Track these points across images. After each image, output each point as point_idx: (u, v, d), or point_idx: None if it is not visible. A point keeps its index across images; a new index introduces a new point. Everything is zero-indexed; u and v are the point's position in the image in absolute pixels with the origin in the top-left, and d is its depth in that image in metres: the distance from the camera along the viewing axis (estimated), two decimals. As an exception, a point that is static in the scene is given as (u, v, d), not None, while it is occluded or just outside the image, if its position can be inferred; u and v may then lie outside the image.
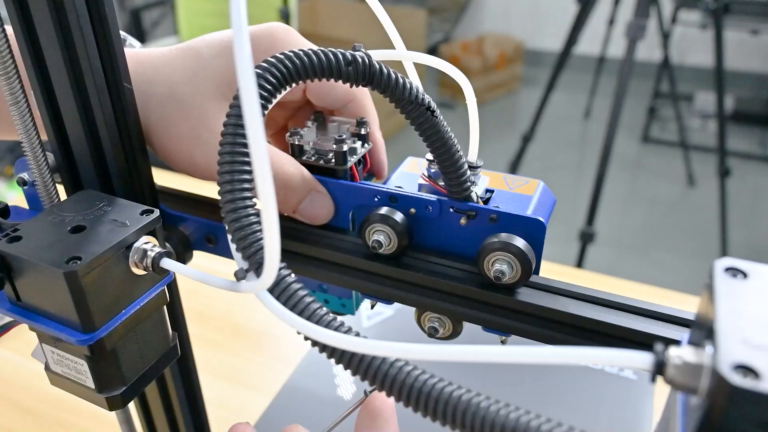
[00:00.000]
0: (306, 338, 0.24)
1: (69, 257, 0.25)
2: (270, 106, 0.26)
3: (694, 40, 3.20)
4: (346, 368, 0.23)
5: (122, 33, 0.36)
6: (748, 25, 2.57)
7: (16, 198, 2.01)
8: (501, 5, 3.66)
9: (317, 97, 0.36)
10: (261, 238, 0.24)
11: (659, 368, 0.18)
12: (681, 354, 0.18)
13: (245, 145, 0.24)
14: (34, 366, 0.63)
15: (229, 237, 0.25)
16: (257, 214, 0.24)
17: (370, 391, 0.32)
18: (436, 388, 0.21)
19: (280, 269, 0.24)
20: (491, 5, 3.68)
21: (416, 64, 0.32)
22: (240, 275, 0.25)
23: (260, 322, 0.69)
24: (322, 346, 0.24)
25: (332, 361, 0.24)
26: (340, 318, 0.24)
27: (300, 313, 0.24)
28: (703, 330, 0.18)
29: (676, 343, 0.26)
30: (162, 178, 0.37)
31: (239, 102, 0.24)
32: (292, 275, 0.25)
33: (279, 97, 0.27)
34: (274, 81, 0.26)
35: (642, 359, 0.18)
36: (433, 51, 3.44)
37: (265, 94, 0.26)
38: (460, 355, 0.21)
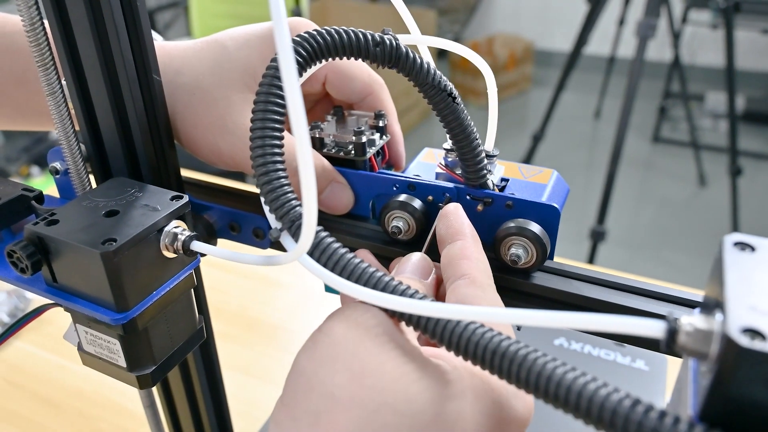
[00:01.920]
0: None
1: (105, 239, 0.27)
2: (302, 79, 0.27)
3: (705, 39, 3.19)
4: (412, 326, 0.24)
5: None
6: (759, 25, 2.56)
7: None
8: (511, 6, 3.66)
9: (336, 90, 0.37)
10: (293, 198, 0.25)
11: (671, 335, 0.19)
12: (692, 321, 0.19)
13: (277, 113, 0.25)
14: (53, 358, 0.64)
15: (263, 199, 0.26)
16: (287, 178, 0.25)
17: None
18: (502, 345, 0.22)
19: (318, 233, 0.25)
20: (501, 6, 3.68)
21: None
22: (275, 234, 0.25)
23: (274, 316, 0.70)
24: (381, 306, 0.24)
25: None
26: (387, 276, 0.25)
27: (346, 275, 0.24)
28: (712, 303, 0.19)
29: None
30: (185, 173, 0.39)
31: (271, 71, 0.26)
32: (329, 234, 0.25)
33: (310, 71, 0.27)
34: (305, 54, 0.27)
35: (655, 327, 0.19)
36: (443, 52, 3.45)
37: (298, 64, 0.27)
38: (485, 316, 0.22)
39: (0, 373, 0.63)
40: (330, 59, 0.28)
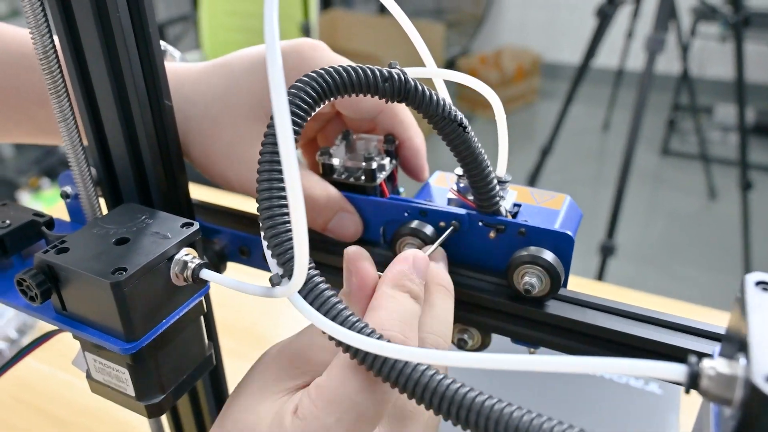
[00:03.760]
0: (330, 338, 0.24)
1: (115, 268, 0.26)
2: (306, 122, 0.27)
3: (714, 52, 3.18)
4: (368, 369, 0.24)
5: (163, 43, 0.37)
6: (769, 38, 2.55)
7: (41, 209, 2.05)
8: (518, 19, 3.67)
9: (348, 109, 0.37)
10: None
11: (693, 380, 0.18)
12: (715, 366, 0.18)
13: (280, 164, 0.25)
14: (64, 376, 0.64)
15: (265, 244, 0.26)
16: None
17: None
18: (459, 393, 0.22)
19: (311, 272, 0.25)
20: (508, 19, 3.69)
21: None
22: (275, 280, 0.26)
23: (284, 334, 0.70)
24: (345, 346, 0.24)
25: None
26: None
27: (326, 314, 0.25)
28: (735, 343, 0.19)
29: (706, 355, 0.27)
30: (196, 191, 0.38)
31: (274, 129, 0.26)
32: (322, 279, 0.26)
33: (318, 109, 0.27)
34: (310, 100, 0.27)
35: (677, 371, 0.18)
36: (451, 64, 3.46)
37: (302, 113, 0.27)
38: (490, 363, 0.21)
39: (8, 389, 0.63)
40: (340, 97, 0.28)
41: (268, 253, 0.26)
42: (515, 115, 3.29)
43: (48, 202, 2.05)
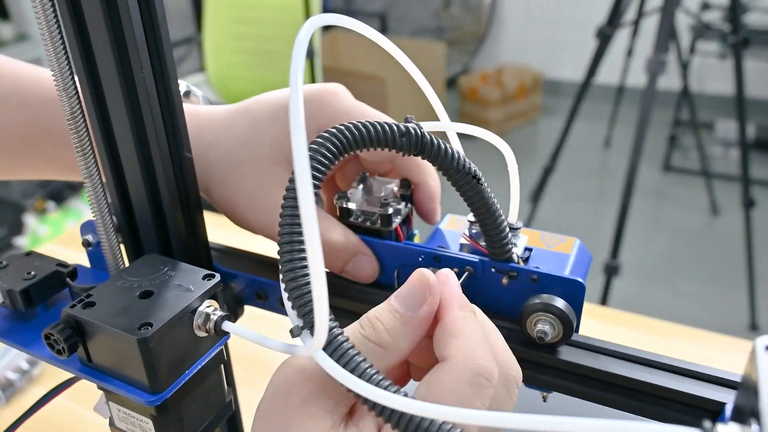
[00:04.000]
0: (356, 395, 0.25)
1: (141, 323, 0.27)
2: (326, 175, 0.28)
3: (713, 68, 3.20)
4: (394, 428, 0.24)
5: (185, 84, 0.38)
6: (768, 55, 2.57)
7: (47, 232, 2.06)
8: (519, 36, 3.70)
9: (366, 152, 0.38)
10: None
11: (708, 444, 0.19)
12: (728, 430, 0.19)
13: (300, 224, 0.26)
14: (90, 415, 0.64)
15: (285, 296, 0.27)
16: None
17: None
18: None
19: (332, 330, 0.26)
20: (509, 37, 3.72)
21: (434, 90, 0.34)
22: (296, 332, 0.26)
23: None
24: (372, 404, 0.25)
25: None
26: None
27: (352, 371, 0.25)
28: (747, 406, 0.20)
29: (712, 402, 0.28)
30: (213, 229, 0.39)
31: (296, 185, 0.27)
32: (341, 332, 0.26)
33: (337, 163, 0.28)
34: (330, 156, 0.28)
35: (692, 435, 0.19)
36: (452, 82, 3.49)
37: (322, 168, 0.28)
38: (511, 422, 0.22)
39: (35, 427, 0.63)
40: (359, 151, 0.29)
41: (288, 304, 0.27)
42: (517, 131, 3.30)
43: (53, 225, 2.07)
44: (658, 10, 1.43)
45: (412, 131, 0.29)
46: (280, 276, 0.27)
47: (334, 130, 0.28)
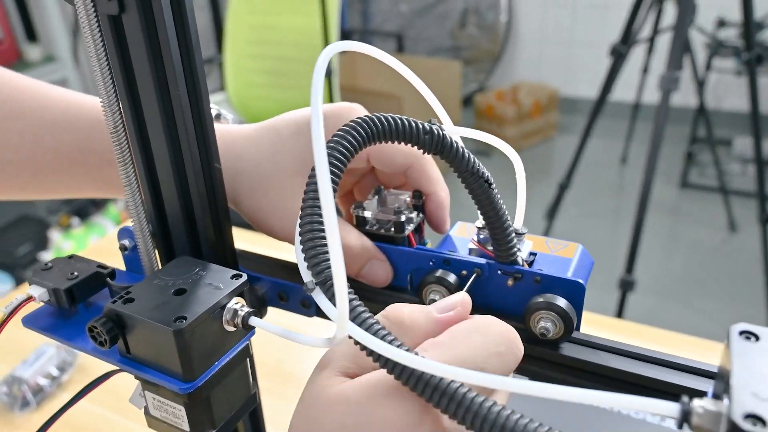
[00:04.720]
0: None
1: (176, 317, 0.30)
2: (347, 165, 0.31)
3: (730, 85, 3.21)
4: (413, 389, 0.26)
5: (216, 107, 0.41)
6: (785, 71, 2.57)
7: (71, 247, 2.11)
8: (534, 54, 3.73)
9: (381, 163, 0.41)
10: (329, 267, 0.28)
11: (685, 416, 0.21)
12: (704, 404, 0.21)
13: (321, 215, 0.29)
14: (113, 416, 0.67)
15: (302, 256, 0.29)
16: (327, 250, 0.28)
17: None
18: (492, 411, 0.24)
19: (354, 302, 0.28)
20: (525, 54, 3.76)
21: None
22: (310, 286, 0.29)
23: (309, 371, 0.73)
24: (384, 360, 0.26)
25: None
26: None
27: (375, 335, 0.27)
28: (722, 384, 0.22)
29: (702, 393, 0.30)
30: (239, 237, 0.42)
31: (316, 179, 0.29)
32: (364, 309, 0.28)
33: (360, 151, 0.31)
34: (364, 135, 0.30)
35: (670, 408, 0.21)
36: (468, 101, 3.52)
37: (347, 153, 0.30)
38: (512, 386, 0.24)
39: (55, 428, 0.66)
40: (385, 142, 0.31)
41: (303, 265, 0.29)
42: (533, 149, 3.32)
43: (77, 240, 2.12)
44: (672, 27, 1.46)
45: (435, 131, 0.32)
46: (297, 239, 0.29)
47: (365, 119, 0.31)
